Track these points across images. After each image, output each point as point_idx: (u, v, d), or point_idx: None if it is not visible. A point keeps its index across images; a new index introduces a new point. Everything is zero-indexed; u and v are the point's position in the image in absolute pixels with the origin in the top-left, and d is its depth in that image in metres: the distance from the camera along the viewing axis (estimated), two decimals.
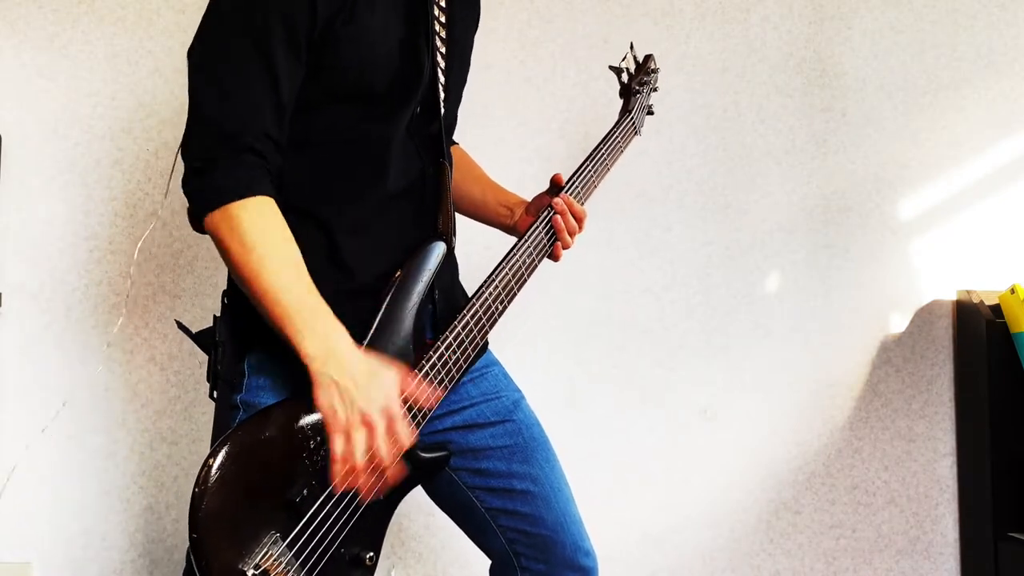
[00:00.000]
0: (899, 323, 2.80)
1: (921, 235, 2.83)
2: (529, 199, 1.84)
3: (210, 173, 1.37)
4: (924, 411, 2.78)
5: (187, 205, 1.42)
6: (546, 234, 1.71)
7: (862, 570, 2.72)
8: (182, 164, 1.42)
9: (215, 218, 1.37)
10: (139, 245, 2.43)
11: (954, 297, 2.81)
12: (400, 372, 1.41)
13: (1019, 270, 2.80)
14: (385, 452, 1.38)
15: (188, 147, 1.41)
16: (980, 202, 2.86)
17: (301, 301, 1.36)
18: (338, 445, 1.34)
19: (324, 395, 1.34)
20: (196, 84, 1.41)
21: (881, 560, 2.73)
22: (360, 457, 1.35)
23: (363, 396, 1.35)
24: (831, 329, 2.77)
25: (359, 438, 1.35)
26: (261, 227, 1.36)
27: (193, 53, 1.43)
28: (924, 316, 2.81)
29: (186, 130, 1.42)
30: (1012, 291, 2.61)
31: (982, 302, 2.72)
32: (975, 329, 2.71)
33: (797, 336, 2.76)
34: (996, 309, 2.69)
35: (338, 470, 1.34)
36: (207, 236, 1.41)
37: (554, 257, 1.74)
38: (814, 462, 2.74)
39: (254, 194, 1.37)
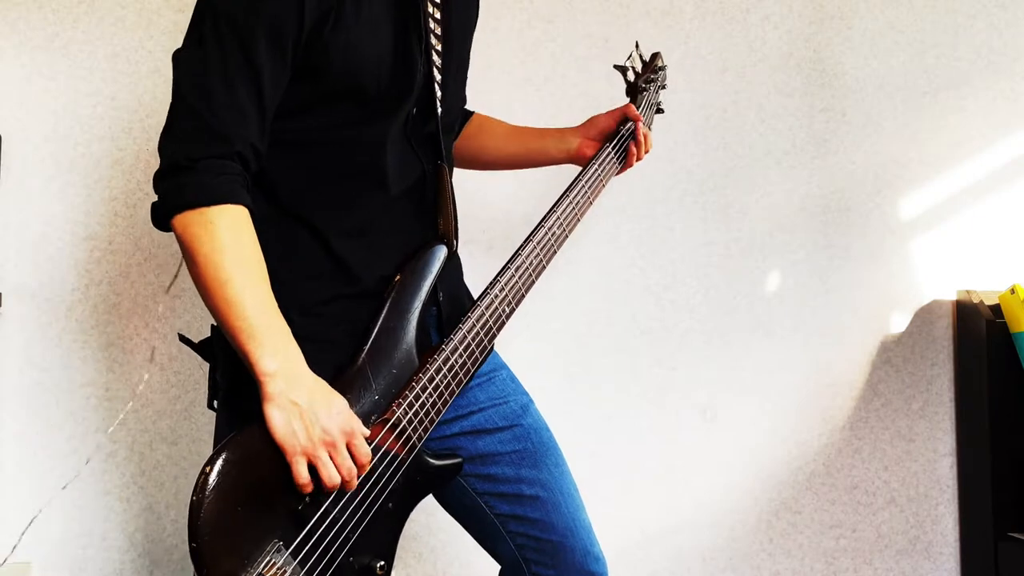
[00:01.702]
0: (899, 323, 2.80)
1: (921, 235, 2.83)
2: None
3: (191, 172, 1.34)
4: (924, 411, 2.78)
5: (152, 202, 1.39)
6: (616, 154, 1.85)
7: (862, 570, 2.72)
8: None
9: (188, 219, 1.33)
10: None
11: (954, 297, 2.82)
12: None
13: (1019, 270, 2.80)
14: (348, 469, 1.35)
15: (170, 142, 1.38)
16: (980, 202, 2.86)
17: (265, 317, 1.33)
18: (301, 467, 1.31)
19: (281, 414, 1.31)
20: (183, 86, 1.39)
21: (881, 560, 2.73)
22: (330, 474, 1.33)
23: (324, 415, 1.33)
24: (831, 329, 2.77)
25: (323, 458, 1.32)
26: (235, 237, 1.34)
27: (180, 55, 1.42)
28: (924, 316, 2.81)
29: (168, 126, 1.39)
30: (1012, 291, 2.62)
31: (982, 302, 2.73)
32: (975, 329, 2.71)
33: (797, 336, 2.76)
34: (996, 309, 2.69)
35: (305, 488, 1.32)
36: None
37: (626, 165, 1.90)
38: (814, 462, 2.74)
39: (233, 202, 1.35)
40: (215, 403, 1.51)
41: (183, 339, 1.54)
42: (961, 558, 2.75)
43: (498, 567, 1.74)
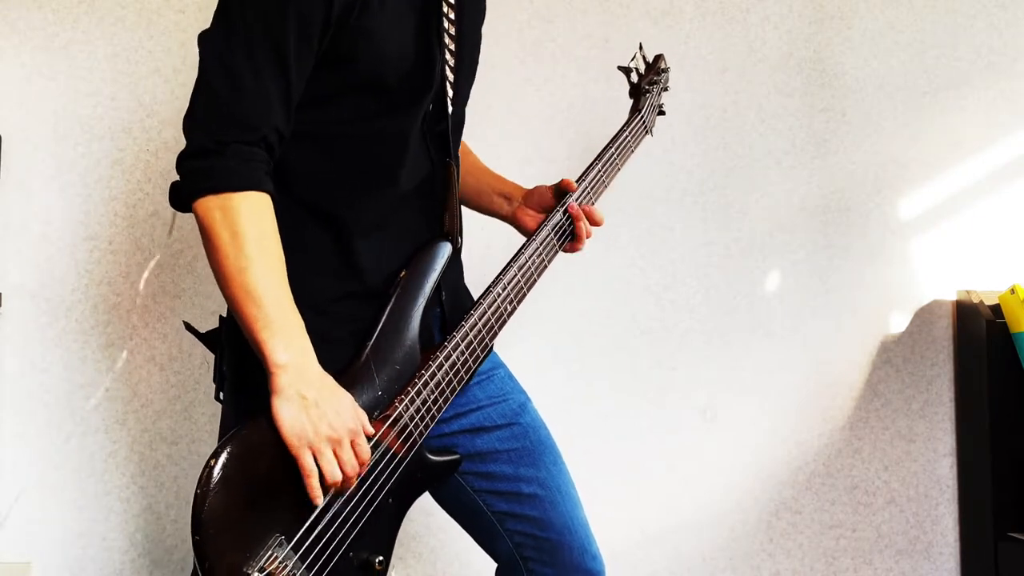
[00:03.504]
0: (899, 323, 2.80)
1: (921, 235, 2.83)
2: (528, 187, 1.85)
3: (219, 157, 1.34)
4: (924, 411, 2.78)
5: (172, 181, 1.40)
6: (556, 236, 1.71)
7: (862, 570, 2.72)
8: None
9: (212, 203, 1.33)
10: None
11: (954, 297, 2.82)
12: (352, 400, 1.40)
13: (1019, 270, 2.80)
14: (352, 466, 1.35)
15: (197, 125, 1.37)
16: (980, 202, 2.86)
17: (281, 308, 1.33)
18: (307, 459, 1.31)
19: (288, 408, 1.31)
20: (209, 69, 1.39)
21: (881, 560, 2.73)
22: (334, 471, 1.33)
23: (331, 412, 1.33)
24: (831, 329, 2.77)
25: (327, 454, 1.33)
26: (258, 224, 1.34)
27: (207, 38, 1.41)
28: (924, 316, 2.81)
29: (193, 108, 1.39)
30: (1012, 291, 2.61)
31: (982, 302, 2.72)
32: (975, 329, 2.71)
33: (797, 336, 2.76)
34: (996, 309, 2.69)
35: (313, 484, 1.32)
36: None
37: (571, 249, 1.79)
38: (814, 462, 2.74)
39: (258, 190, 1.35)
40: (221, 395, 1.51)
41: (188, 327, 1.53)
42: (961, 558, 2.75)
43: (496, 566, 1.75)
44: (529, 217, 1.81)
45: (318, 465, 1.32)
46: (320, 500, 1.33)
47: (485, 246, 2.52)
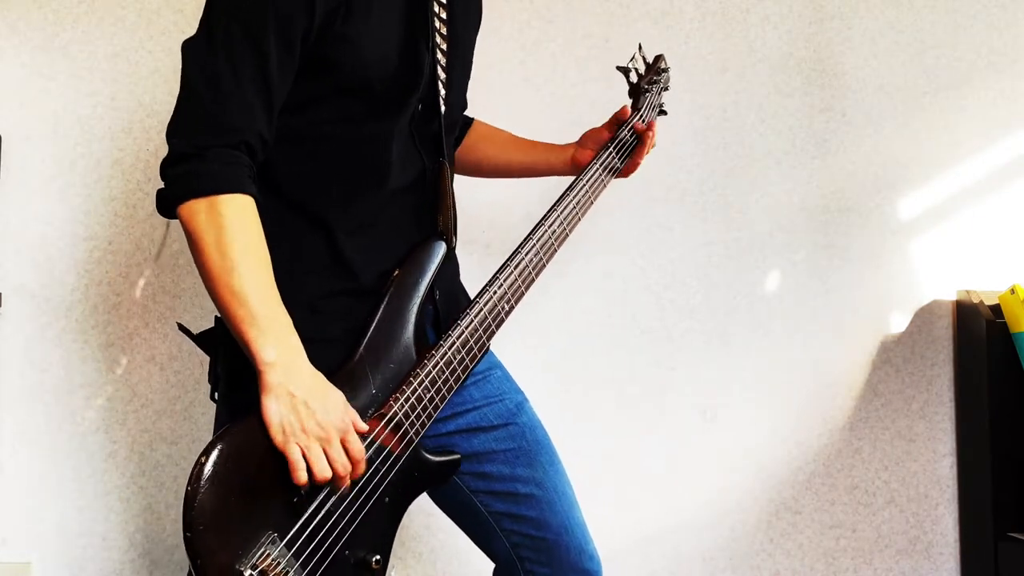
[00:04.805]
0: (899, 323, 2.80)
1: (921, 235, 2.82)
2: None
3: (199, 161, 1.35)
4: (924, 411, 2.78)
5: (158, 189, 1.40)
6: (616, 157, 1.86)
7: (862, 570, 2.72)
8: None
9: (195, 207, 1.34)
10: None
11: (954, 297, 2.81)
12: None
13: (1019, 270, 2.79)
14: (342, 464, 1.35)
15: (178, 131, 1.39)
16: (980, 202, 2.85)
17: (268, 307, 1.34)
18: (295, 452, 1.32)
19: (277, 405, 1.32)
20: (192, 75, 1.40)
21: (881, 560, 2.73)
22: (323, 468, 1.33)
23: (320, 409, 1.33)
24: (831, 329, 2.77)
25: (316, 451, 1.33)
26: (242, 226, 1.35)
27: (190, 44, 1.42)
28: (924, 316, 2.81)
29: (176, 114, 1.40)
30: (1012, 291, 2.61)
31: (982, 302, 2.72)
32: (975, 329, 2.71)
33: (797, 336, 2.75)
34: (996, 309, 2.68)
35: (300, 477, 1.32)
36: None
37: (629, 171, 1.93)
38: (814, 462, 2.73)
39: (240, 192, 1.36)
40: (216, 395, 1.52)
41: (182, 328, 1.54)
42: (961, 558, 2.75)
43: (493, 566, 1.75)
44: (587, 156, 1.90)
45: (307, 462, 1.33)
46: (312, 497, 1.33)
47: (485, 247, 2.53)
